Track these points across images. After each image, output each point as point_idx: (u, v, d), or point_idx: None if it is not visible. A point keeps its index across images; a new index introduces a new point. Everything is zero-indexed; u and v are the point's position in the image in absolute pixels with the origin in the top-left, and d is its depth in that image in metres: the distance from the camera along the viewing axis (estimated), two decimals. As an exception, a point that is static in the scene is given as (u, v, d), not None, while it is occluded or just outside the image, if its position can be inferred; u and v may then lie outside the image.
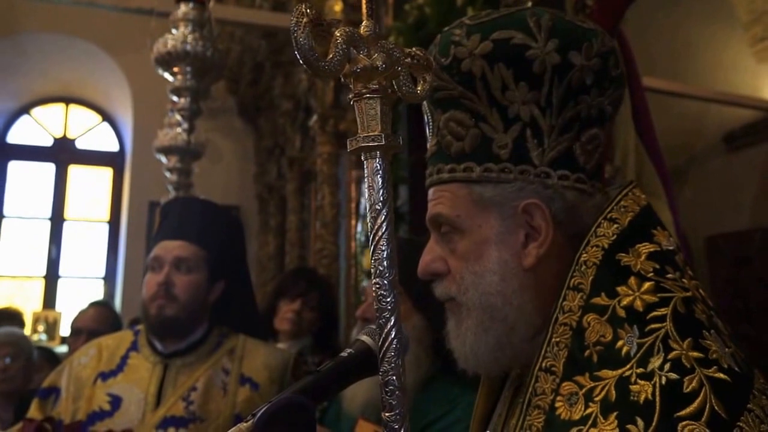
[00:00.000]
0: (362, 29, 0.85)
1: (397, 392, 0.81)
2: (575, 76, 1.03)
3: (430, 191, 1.11)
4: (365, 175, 0.85)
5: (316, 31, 0.80)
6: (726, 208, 4.83)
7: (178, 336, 2.17)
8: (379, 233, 0.83)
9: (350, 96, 0.86)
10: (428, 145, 1.13)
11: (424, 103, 1.12)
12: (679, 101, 4.74)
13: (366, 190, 0.85)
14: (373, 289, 0.83)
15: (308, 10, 0.80)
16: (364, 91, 0.84)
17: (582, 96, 1.05)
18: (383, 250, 0.83)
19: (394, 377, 0.81)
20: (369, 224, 0.84)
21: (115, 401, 2.10)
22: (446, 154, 1.08)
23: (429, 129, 1.13)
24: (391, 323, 0.82)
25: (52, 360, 4.29)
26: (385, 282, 0.83)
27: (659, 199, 3.12)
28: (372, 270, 0.83)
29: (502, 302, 1.02)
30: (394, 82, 0.88)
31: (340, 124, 5.70)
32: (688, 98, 4.61)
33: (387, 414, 0.81)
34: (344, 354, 0.94)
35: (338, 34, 0.81)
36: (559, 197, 1.03)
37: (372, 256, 0.83)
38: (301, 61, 0.79)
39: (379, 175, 0.84)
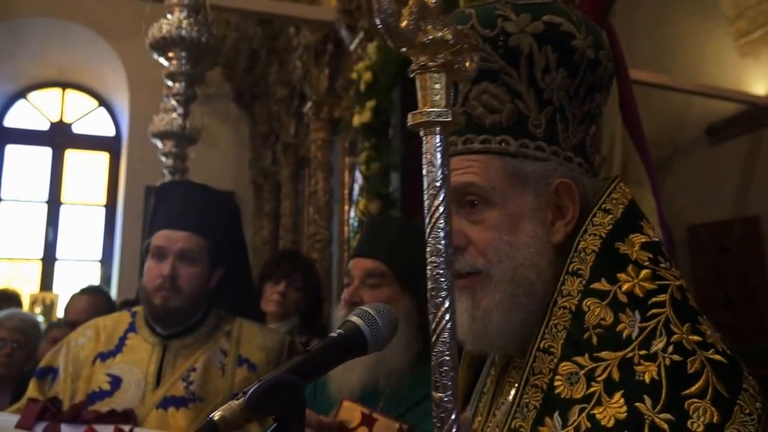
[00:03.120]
0: (431, 2, 0.81)
1: (451, 372, 0.78)
2: (599, 74, 1.08)
3: (457, 159, 1.08)
4: (424, 151, 0.80)
5: None
6: (708, 198, 4.86)
7: (181, 324, 2.18)
8: (438, 212, 0.79)
9: (413, 67, 0.81)
10: None
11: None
12: (664, 94, 4.76)
13: (424, 166, 0.80)
14: (429, 267, 0.80)
15: None
16: (431, 64, 0.80)
17: (597, 94, 1.09)
18: (441, 229, 0.79)
19: (448, 357, 0.79)
20: (426, 203, 0.80)
21: (115, 381, 2.10)
22: (477, 125, 1.06)
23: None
24: (447, 304, 0.79)
25: None
26: (442, 260, 0.79)
27: (644, 187, 3.14)
28: (428, 249, 0.79)
29: (536, 276, 1.02)
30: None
31: (334, 110, 5.71)
32: (672, 91, 4.63)
33: (440, 394, 0.78)
34: (334, 334, 0.92)
35: (412, 3, 0.78)
36: (581, 181, 1.06)
37: (429, 234, 0.79)
38: (379, 25, 0.76)
39: (439, 152, 0.80)
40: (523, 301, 1.01)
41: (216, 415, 0.77)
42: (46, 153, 9.30)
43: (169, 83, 4.37)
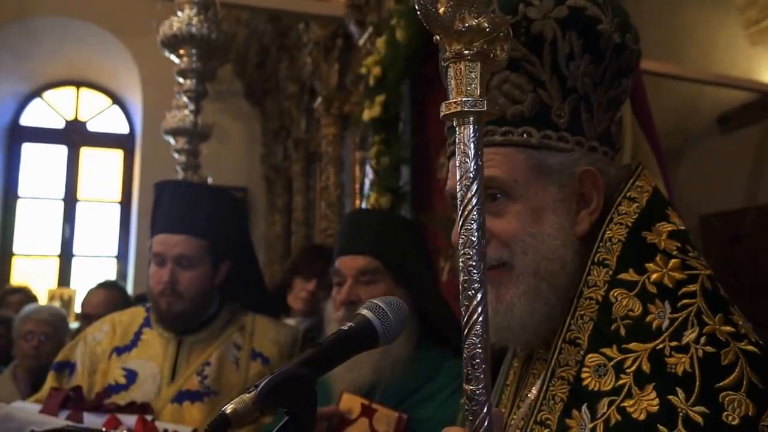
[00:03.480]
0: None
1: (483, 365, 0.77)
2: (625, 59, 1.04)
3: None
4: (457, 141, 0.78)
5: None
6: (719, 188, 4.83)
7: (188, 325, 2.19)
8: (471, 204, 0.77)
9: (447, 56, 0.79)
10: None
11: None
12: (674, 83, 4.71)
13: (458, 157, 0.78)
14: (462, 260, 0.78)
15: None
16: (466, 52, 0.77)
17: (623, 79, 1.06)
18: (474, 221, 0.77)
19: (480, 350, 0.77)
20: (460, 195, 0.78)
21: (131, 375, 2.13)
22: (499, 117, 1.02)
23: None
24: (480, 297, 0.77)
25: None
26: (475, 253, 0.77)
27: (654, 177, 3.14)
28: (461, 241, 0.78)
29: (561, 268, 1.00)
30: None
31: (345, 106, 5.71)
32: (683, 80, 4.59)
33: (472, 386, 0.77)
34: (345, 327, 0.91)
35: None
36: (606, 170, 1.03)
37: (462, 226, 0.77)
38: (419, 11, 0.75)
39: (473, 143, 0.77)
40: (546, 294, 1.00)
41: (228, 409, 0.77)
42: (61, 151, 9.39)
43: (181, 80, 4.39)
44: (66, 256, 9.14)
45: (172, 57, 4.20)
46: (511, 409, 1.09)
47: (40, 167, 9.33)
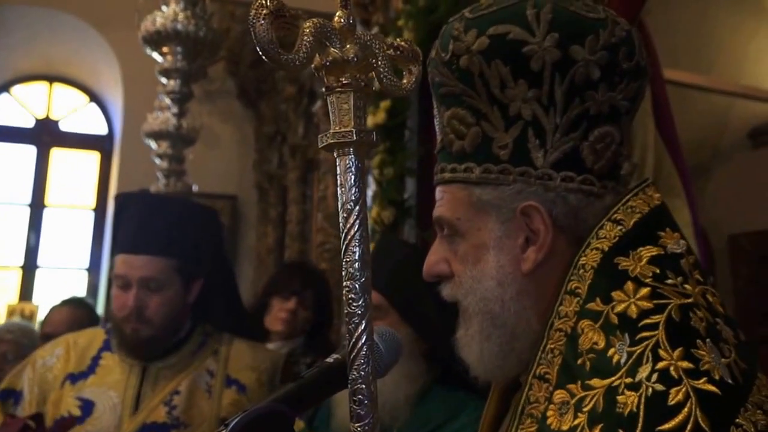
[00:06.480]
0: (335, 21, 0.88)
1: (366, 401, 0.82)
2: (578, 72, 1.04)
3: (436, 190, 1.16)
4: (338, 172, 0.87)
5: (280, 22, 0.84)
6: (749, 206, 4.94)
7: (156, 351, 2.18)
8: (351, 233, 0.84)
9: (322, 90, 0.88)
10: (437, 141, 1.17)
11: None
12: (704, 95, 4.79)
13: (338, 188, 0.87)
14: (344, 292, 0.84)
15: (267, 1, 0.84)
16: (335, 84, 0.86)
17: (589, 92, 1.05)
18: (354, 252, 0.84)
19: (363, 386, 0.83)
20: (341, 224, 0.85)
21: (87, 406, 2.10)
22: (449, 153, 1.12)
23: (437, 125, 1.17)
24: (361, 328, 0.83)
25: None
26: (357, 285, 0.84)
27: (678, 197, 3.23)
28: (343, 272, 0.84)
29: (500, 308, 1.06)
30: (374, 75, 0.90)
31: (346, 110, 5.78)
32: (712, 92, 4.67)
33: (356, 425, 0.83)
34: (330, 360, 0.93)
35: (306, 26, 0.85)
36: (562, 200, 1.06)
37: (343, 257, 0.84)
38: (261, 53, 0.83)
39: (351, 173, 0.85)
40: (495, 332, 1.07)
41: None
42: (30, 151, 9.38)
43: (163, 80, 4.43)
44: (30, 267, 9.09)
45: (155, 55, 4.25)
46: None
47: (5, 169, 9.31)
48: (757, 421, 0.85)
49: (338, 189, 0.87)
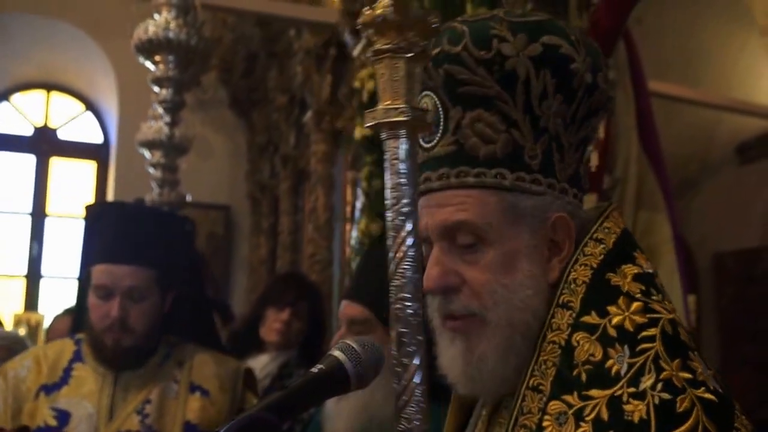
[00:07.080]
0: None
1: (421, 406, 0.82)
2: (596, 99, 1.10)
3: (438, 195, 1.09)
4: (385, 158, 0.74)
5: None
6: (735, 223, 4.92)
7: (136, 361, 2.21)
8: (401, 236, 0.74)
9: (370, 54, 0.78)
10: (433, 143, 1.11)
11: (430, 94, 1.10)
12: (691, 108, 4.80)
13: (387, 179, 0.75)
14: (398, 309, 0.79)
15: None
16: (386, 47, 0.72)
17: (593, 119, 1.13)
18: (409, 258, 0.77)
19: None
20: (388, 230, 0.78)
21: (62, 416, 2.12)
22: (471, 157, 1.07)
23: (439, 125, 1.10)
24: (415, 357, 0.79)
25: None
26: (410, 287, 0.77)
27: (660, 214, 3.20)
28: (395, 284, 0.78)
29: (532, 318, 1.04)
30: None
31: (337, 121, 5.72)
32: (699, 105, 4.67)
33: None
34: (314, 369, 0.92)
35: None
36: (577, 214, 1.10)
37: (396, 267, 0.77)
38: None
39: (401, 162, 0.72)
40: (520, 346, 1.04)
41: None
42: (29, 160, 9.39)
43: (156, 89, 4.44)
44: (33, 276, 9.06)
45: (148, 63, 4.27)
46: None
47: (5, 178, 9.30)
48: (746, 425, 0.92)
49: (387, 180, 0.74)
